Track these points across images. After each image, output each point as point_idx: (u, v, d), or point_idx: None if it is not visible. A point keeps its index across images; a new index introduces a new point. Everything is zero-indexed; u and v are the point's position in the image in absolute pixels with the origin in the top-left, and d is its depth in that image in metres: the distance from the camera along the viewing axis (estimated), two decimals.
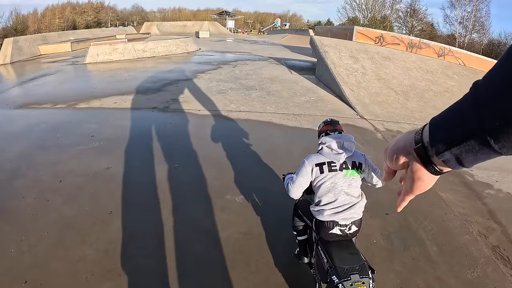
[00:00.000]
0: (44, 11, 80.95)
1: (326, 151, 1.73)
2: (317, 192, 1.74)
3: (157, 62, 9.00)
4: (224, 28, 40.26)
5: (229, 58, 9.87)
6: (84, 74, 7.90)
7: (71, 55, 12.40)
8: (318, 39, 7.54)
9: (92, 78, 7.42)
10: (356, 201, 1.69)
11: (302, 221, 1.96)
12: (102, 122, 4.21)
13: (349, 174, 1.70)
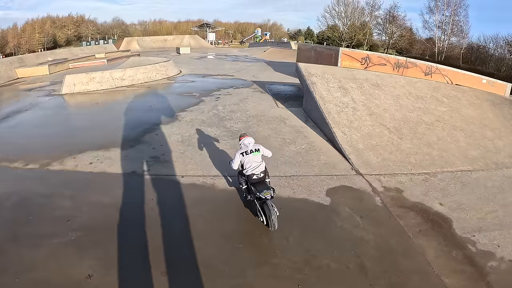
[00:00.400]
0: (24, 25, 79.06)
1: (243, 147, 3.72)
2: (244, 164, 3.66)
3: (136, 93, 8.56)
4: (205, 42, 40.16)
5: (211, 85, 9.40)
6: (60, 112, 7.37)
7: (49, 80, 12.17)
8: (304, 67, 7.32)
9: (68, 119, 6.82)
10: (260, 164, 3.67)
11: (242, 179, 3.80)
12: (77, 196, 3.72)
13: (254, 154, 3.66)
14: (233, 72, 12.18)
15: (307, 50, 13.38)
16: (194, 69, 12.98)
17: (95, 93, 8.97)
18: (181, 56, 21.72)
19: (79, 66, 16.76)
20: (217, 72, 12.13)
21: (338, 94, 6.57)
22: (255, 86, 9.23)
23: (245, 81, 10.07)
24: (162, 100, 7.55)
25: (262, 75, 11.67)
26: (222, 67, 13.77)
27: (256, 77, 10.93)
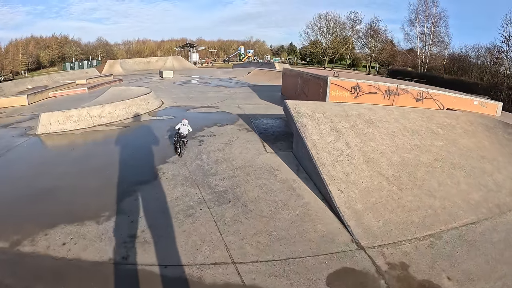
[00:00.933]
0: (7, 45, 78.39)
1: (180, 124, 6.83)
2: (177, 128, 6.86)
3: (114, 136, 7.97)
4: (189, 63, 39.95)
5: (194, 122, 8.42)
6: (33, 161, 6.62)
7: (28, 111, 11.84)
8: (293, 106, 6.91)
9: (41, 172, 5.96)
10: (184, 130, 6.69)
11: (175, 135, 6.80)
12: None
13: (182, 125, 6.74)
14: (218, 102, 11.76)
15: (292, 76, 13.08)
16: (176, 99, 12.52)
17: (72, 133, 8.44)
18: (164, 80, 21.30)
19: (60, 94, 16.22)
20: (200, 103, 11.69)
21: (331, 139, 6.17)
22: (241, 121, 8.79)
23: (230, 115, 9.63)
24: (141, 145, 7.01)
25: (248, 105, 11.28)
26: (206, 96, 13.35)
27: (241, 109, 10.53)
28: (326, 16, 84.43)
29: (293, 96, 12.79)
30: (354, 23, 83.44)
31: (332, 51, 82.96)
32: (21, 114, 12.01)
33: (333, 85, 9.43)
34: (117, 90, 13.13)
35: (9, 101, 13.97)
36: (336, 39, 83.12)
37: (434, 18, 57.62)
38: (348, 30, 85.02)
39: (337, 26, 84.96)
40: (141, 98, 10.26)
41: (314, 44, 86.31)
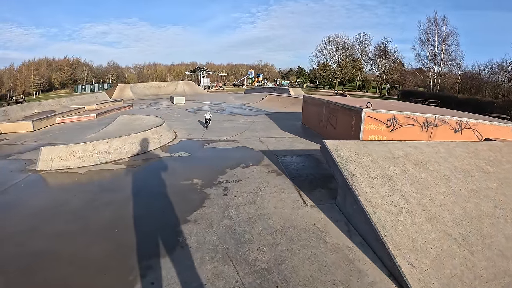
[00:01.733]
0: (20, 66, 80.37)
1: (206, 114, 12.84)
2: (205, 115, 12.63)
3: (123, 178, 6.88)
4: (200, 88, 39.46)
5: (214, 162, 7.68)
6: (27, 208, 5.39)
7: (32, 139, 11.07)
8: (333, 147, 5.83)
9: (35, 227, 4.76)
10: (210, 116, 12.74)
11: None
12: None
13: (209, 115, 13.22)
14: (236, 134, 10.72)
15: (315, 105, 12.03)
16: (190, 130, 11.52)
17: (75, 172, 7.41)
18: (176, 107, 20.51)
19: (67, 121, 15.40)
20: (217, 135, 10.65)
21: (385, 191, 5.04)
22: (266, 160, 7.66)
23: (253, 152, 8.54)
24: (155, 194, 5.78)
25: (269, 138, 10.22)
26: (222, 126, 12.34)
27: (264, 143, 9.47)
28: (335, 39, 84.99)
29: (316, 127, 11.75)
30: (363, 44, 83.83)
31: (342, 74, 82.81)
32: (24, 142, 11.12)
33: (368, 118, 8.37)
34: (127, 119, 12.21)
35: (14, 127, 13.22)
36: (346, 62, 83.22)
37: (445, 36, 57.12)
38: (357, 52, 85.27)
39: (346, 48, 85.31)
40: (152, 131, 9.26)
41: (323, 67, 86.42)
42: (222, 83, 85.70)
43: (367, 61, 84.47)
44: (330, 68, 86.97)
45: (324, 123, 10.93)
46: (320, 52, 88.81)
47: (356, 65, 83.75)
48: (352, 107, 8.92)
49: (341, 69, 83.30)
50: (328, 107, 10.56)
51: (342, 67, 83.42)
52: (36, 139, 11.41)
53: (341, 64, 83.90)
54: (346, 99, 14.24)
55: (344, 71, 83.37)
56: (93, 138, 9.93)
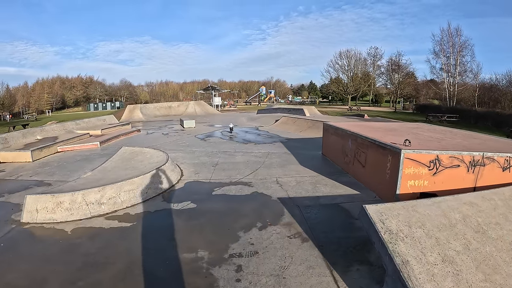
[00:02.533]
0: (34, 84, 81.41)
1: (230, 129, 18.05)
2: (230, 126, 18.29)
3: (116, 241, 5.54)
4: (211, 108, 38.52)
5: (223, 222, 6.18)
6: None
7: (29, 171, 10.32)
8: (377, 216, 4.46)
9: None
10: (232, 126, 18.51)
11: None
12: None
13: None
14: (250, 174, 9.37)
15: (340, 137, 10.62)
16: (199, 167, 10.20)
17: (62, 229, 6.16)
18: (185, 132, 19.43)
19: (69, 149, 14.41)
20: (228, 175, 9.30)
21: (448, 284, 3.66)
22: (287, 216, 6.24)
23: (270, 201, 7.14)
24: (149, 280, 4.43)
25: (288, 178, 8.85)
26: (234, 161, 11.00)
27: (282, 186, 8.09)
28: (346, 54, 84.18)
29: (340, 161, 10.38)
30: (375, 58, 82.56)
31: (354, 89, 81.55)
32: (19, 176, 10.10)
33: (407, 161, 6.97)
34: (129, 153, 11.04)
35: (13, 156, 12.37)
36: (357, 76, 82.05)
37: (459, 47, 55.37)
38: (369, 66, 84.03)
39: (358, 62, 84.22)
40: (153, 174, 8.00)
41: (336, 82, 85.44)
42: (234, 100, 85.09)
43: (379, 75, 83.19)
44: (342, 84, 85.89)
45: (350, 159, 9.57)
46: (332, 67, 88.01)
47: (369, 79, 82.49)
48: (386, 145, 7.54)
49: (353, 84, 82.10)
50: (356, 141, 9.21)
51: (354, 82, 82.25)
52: (32, 174, 10.36)
53: (353, 79, 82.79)
54: (369, 125, 12.86)
55: (357, 86, 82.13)
56: (88, 178, 8.79)
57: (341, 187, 7.99)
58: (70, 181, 8.95)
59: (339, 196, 7.34)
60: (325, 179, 8.75)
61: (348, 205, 6.77)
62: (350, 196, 7.41)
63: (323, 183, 8.36)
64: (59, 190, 7.79)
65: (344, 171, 9.72)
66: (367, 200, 7.14)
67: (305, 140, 15.50)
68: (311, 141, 14.93)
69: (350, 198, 7.24)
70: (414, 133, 10.22)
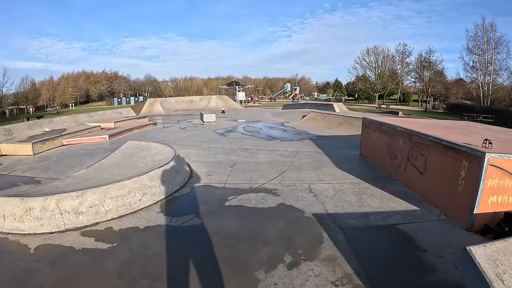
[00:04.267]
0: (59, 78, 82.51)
1: None
2: None
3: (83, 276, 3.76)
4: (234, 102, 36.78)
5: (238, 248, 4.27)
6: None
7: (23, 167, 9.05)
8: (492, 268, 2.63)
9: None
10: None
11: None
12: None
13: None
14: (275, 177, 7.46)
15: (385, 134, 8.56)
16: (213, 167, 8.43)
17: (25, 245, 4.59)
18: (205, 126, 17.73)
19: (75, 142, 12.98)
20: (248, 178, 7.43)
21: None
22: (328, 243, 4.32)
23: (303, 220, 5.17)
24: None
25: (324, 184, 6.91)
26: (256, 160, 9.14)
27: (317, 196, 6.12)
28: (374, 50, 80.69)
29: (385, 164, 8.36)
30: (403, 55, 78.76)
31: (382, 86, 78.36)
32: (12, 171, 8.84)
33: (492, 169, 4.91)
34: (133, 147, 9.38)
35: (14, 149, 11.23)
36: (385, 74, 78.75)
37: (494, 44, 51.53)
38: (398, 63, 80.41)
39: (386, 59, 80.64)
40: (150, 176, 6.22)
41: (363, 80, 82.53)
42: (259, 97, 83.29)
43: (408, 73, 79.53)
44: (369, 81, 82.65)
45: (400, 162, 7.53)
46: (359, 64, 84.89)
47: (397, 77, 78.92)
48: (461, 147, 5.47)
49: (381, 81, 78.75)
50: (410, 140, 7.15)
51: (382, 79, 78.91)
52: (27, 169, 9.01)
53: (380, 77, 79.45)
54: (418, 122, 10.73)
55: (384, 84, 78.72)
56: (78, 176, 7.17)
57: (393, 200, 6.00)
58: (58, 180, 7.36)
59: (394, 213, 5.36)
60: (370, 188, 6.77)
61: (408, 228, 4.80)
62: (408, 213, 5.41)
63: (369, 193, 6.38)
64: (35, 192, 6.18)
65: (391, 177, 7.70)
66: (431, 220, 5.14)
67: (337, 137, 13.49)
68: (345, 139, 12.93)
69: (409, 216, 5.26)
70: (477, 132, 8.08)
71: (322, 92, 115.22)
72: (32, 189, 6.66)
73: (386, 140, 8.41)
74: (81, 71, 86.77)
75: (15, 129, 13.15)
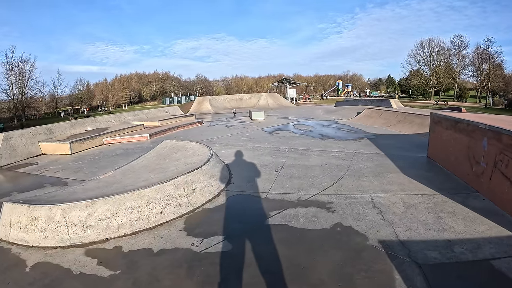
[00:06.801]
0: (112, 80, 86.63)
1: None
2: None
3: None
4: (285, 100, 35.48)
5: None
6: None
7: (56, 167, 8.75)
8: None
9: None
10: None
11: None
12: None
13: None
14: (329, 186, 6.06)
15: (463, 134, 6.79)
16: (254, 172, 7.23)
17: (23, 261, 3.86)
18: (252, 124, 16.66)
19: (115, 141, 12.57)
20: (297, 184, 6.16)
21: None
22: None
23: (365, 248, 3.77)
24: None
25: (390, 196, 5.42)
26: (306, 164, 7.76)
27: (383, 214, 4.63)
28: (428, 43, 75.41)
29: (463, 172, 6.58)
30: (459, 48, 72.87)
31: (438, 81, 73.18)
32: (44, 171, 8.56)
33: None
34: (169, 147, 8.47)
35: (53, 148, 11.12)
36: (440, 69, 73.47)
37: None
38: (454, 57, 74.69)
39: (441, 52, 75.02)
40: (176, 184, 5.14)
41: (417, 75, 77.81)
42: (310, 94, 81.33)
43: (465, 67, 73.42)
44: (424, 76, 77.48)
45: (483, 169, 5.76)
46: (412, 58, 79.75)
47: (453, 72, 73.10)
48: None
49: (436, 76, 73.39)
50: (499, 141, 5.38)
51: (438, 74, 73.50)
52: (59, 169, 8.66)
53: (436, 71, 74.05)
54: (497, 118, 8.74)
55: (440, 79, 73.27)
56: (103, 180, 6.33)
57: (479, 221, 4.37)
58: (81, 184, 6.59)
59: (484, 242, 3.78)
60: (447, 202, 5.16)
61: (506, 265, 3.27)
62: (501, 241, 3.78)
63: (448, 210, 4.79)
64: (47, 198, 5.37)
65: (471, 187, 6.00)
66: None
67: (398, 136, 11.77)
68: (406, 139, 11.19)
69: (504, 246, 3.69)
70: None
71: (374, 89, 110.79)
72: (47, 194, 5.88)
73: (463, 141, 6.65)
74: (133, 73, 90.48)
75: (57, 128, 12.92)
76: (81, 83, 79.04)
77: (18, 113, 63.78)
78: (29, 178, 8.08)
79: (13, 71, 63.98)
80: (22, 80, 64.58)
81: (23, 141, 10.82)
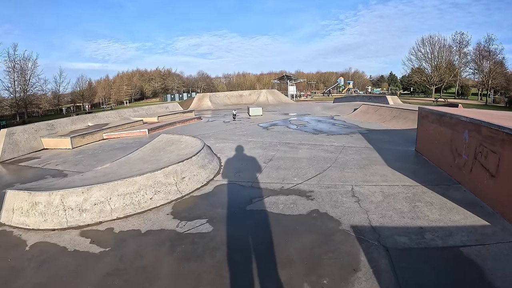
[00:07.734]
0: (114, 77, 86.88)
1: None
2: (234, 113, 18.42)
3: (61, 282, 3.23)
4: (284, 96, 35.77)
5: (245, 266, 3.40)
6: None
7: (57, 161, 9.08)
8: None
9: None
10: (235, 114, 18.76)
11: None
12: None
13: None
14: (313, 176, 6.37)
15: (447, 127, 7.03)
16: (245, 161, 7.64)
17: (24, 242, 4.24)
18: (249, 120, 17.00)
19: (115, 136, 12.89)
20: (282, 175, 6.49)
21: None
22: (363, 270, 3.17)
23: (336, 231, 4.05)
24: None
25: (370, 187, 5.69)
26: (295, 156, 8.08)
27: (360, 202, 4.92)
28: (430, 40, 75.36)
29: (446, 164, 6.90)
30: (460, 45, 72.83)
31: (439, 79, 73.15)
32: (46, 164, 8.93)
33: None
34: (164, 141, 8.84)
35: (54, 143, 11.49)
36: (442, 66, 73.47)
37: None
38: (455, 54, 74.67)
39: (443, 50, 74.98)
40: (166, 172, 5.51)
41: (418, 72, 77.81)
42: (312, 91, 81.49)
43: (466, 64, 73.38)
44: (425, 73, 77.49)
45: (465, 161, 6.08)
46: (414, 55, 79.71)
47: (454, 69, 73.06)
48: None
49: (437, 74, 73.38)
50: (478, 133, 5.70)
51: (439, 71, 73.50)
52: (61, 162, 9.00)
53: (437, 68, 74.05)
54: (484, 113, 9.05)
55: (441, 76, 73.26)
56: (100, 170, 6.70)
57: (455, 210, 4.67)
58: (79, 174, 6.97)
59: (457, 230, 4.06)
60: (427, 193, 5.47)
61: (476, 252, 3.49)
62: (475, 230, 4.06)
63: (425, 200, 5.10)
64: (48, 186, 5.75)
65: (453, 179, 6.32)
66: (506, 241, 3.79)
67: (391, 132, 12.07)
68: (398, 134, 11.48)
69: (477, 235, 3.92)
70: None
71: (376, 86, 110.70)
72: (48, 182, 6.27)
73: (447, 134, 6.97)
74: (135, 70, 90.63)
75: (58, 124, 13.27)
76: (83, 80, 79.48)
77: (20, 110, 64.27)
78: (31, 171, 8.43)
79: (15, 69, 64.35)
80: (24, 77, 64.98)
81: (26, 136, 11.14)
